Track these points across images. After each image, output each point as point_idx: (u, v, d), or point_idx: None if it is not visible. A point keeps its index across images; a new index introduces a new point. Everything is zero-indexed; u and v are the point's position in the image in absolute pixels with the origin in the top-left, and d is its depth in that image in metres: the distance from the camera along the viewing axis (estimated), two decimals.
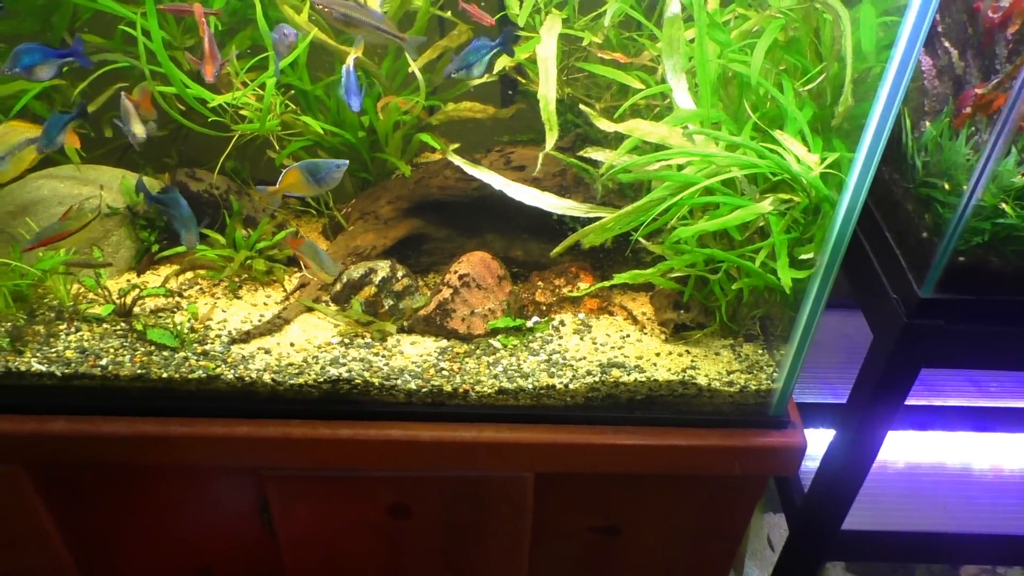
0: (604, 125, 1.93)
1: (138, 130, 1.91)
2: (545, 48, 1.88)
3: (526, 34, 2.09)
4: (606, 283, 2.03)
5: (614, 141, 2.15)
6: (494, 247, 2.39)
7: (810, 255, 1.83)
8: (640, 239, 1.97)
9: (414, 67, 2.05)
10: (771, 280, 1.94)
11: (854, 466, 2.25)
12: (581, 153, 2.13)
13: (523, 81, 2.27)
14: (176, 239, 2.27)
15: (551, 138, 1.91)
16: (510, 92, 2.43)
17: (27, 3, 2.09)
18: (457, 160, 2.15)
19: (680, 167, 1.86)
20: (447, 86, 2.35)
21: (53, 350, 2.08)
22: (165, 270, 2.33)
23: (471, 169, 2.14)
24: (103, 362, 2.06)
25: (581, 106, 1.99)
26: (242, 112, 2.13)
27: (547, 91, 1.88)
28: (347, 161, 1.91)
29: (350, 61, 1.92)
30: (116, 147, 2.41)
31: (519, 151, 2.32)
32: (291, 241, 2.05)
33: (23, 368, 2.03)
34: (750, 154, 1.78)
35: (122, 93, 1.95)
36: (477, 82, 2.31)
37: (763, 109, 1.85)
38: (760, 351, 2.19)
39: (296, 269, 2.34)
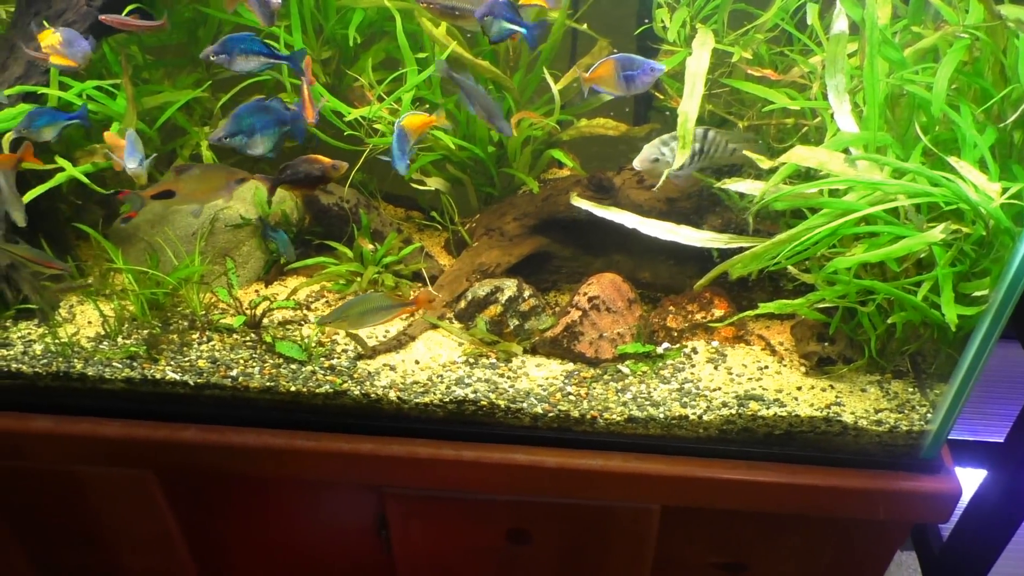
0: (765, 165, 1.82)
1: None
2: (696, 62, 1.79)
3: (670, 47, 2.00)
4: (750, 312, 1.92)
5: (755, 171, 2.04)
6: (621, 268, 2.31)
7: (984, 291, 1.68)
8: (790, 267, 1.86)
9: (553, 85, 1.99)
10: (934, 315, 1.80)
11: (1007, 511, 2.08)
12: (726, 185, 2.03)
13: (660, 97, 2.18)
14: (305, 251, 2.29)
15: (682, 155, 1.81)
16: (647, 110, 2.34)
17: (175, 17, 2.13)
18: (585, 204, 2.07)
19: (838, 192, 1.74)
20: (579, 100, 2.29)
21: (186, 359, 2.10)
22: (292, 282, 2.33)
23: (600, 211, 2.06)
24: (233, 373, 2.07)
25: (739, 124, 1.89)
26: (376, 126, 2.11)
27: (689, 106, 1.78)
28: (664, 67, 1.79)
29: (400, 123, 1.85)
30: (247, 157, 2.43)
31: None
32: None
33: (158, 376, 2.06)
34: (921, 181, 1.65)
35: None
36: (609, 97, 2.25)
37: (933, 132, 1.71)
38: (911, 389, 2.04)
39: (421, 284, 2.31)
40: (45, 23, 1.88)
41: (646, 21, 2.12)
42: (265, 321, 2.19)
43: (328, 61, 2.22)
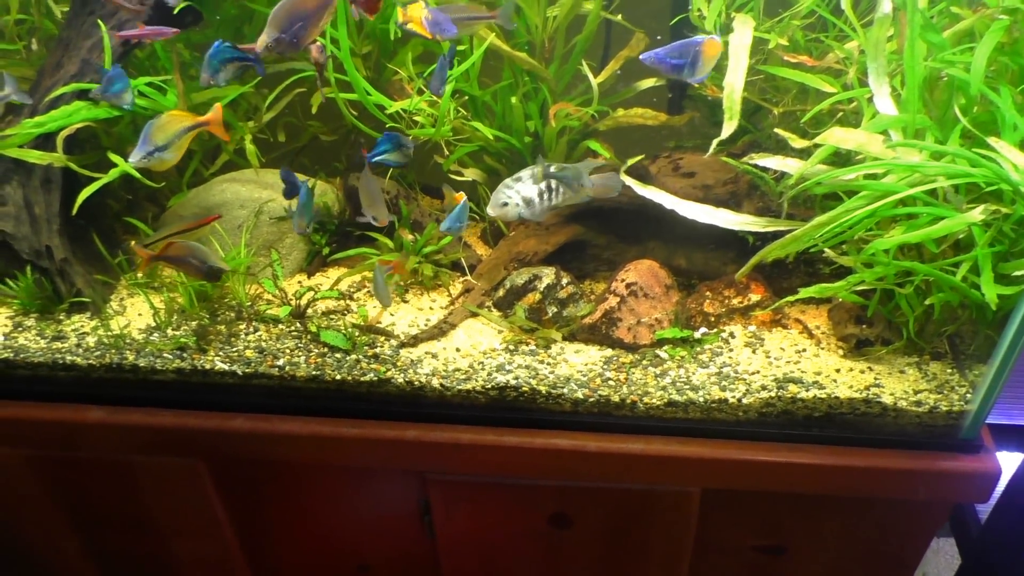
0: (798, 143, 1.84)
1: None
2: (740, 37, 1.81)
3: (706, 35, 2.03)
4: (791, 298, 1.94)
5: (789, 148, 2.07)
6: (656, 255, 2.33)
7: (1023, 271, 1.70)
8: (827, 250, 1.88)
9: (592, 77, 2.02)
10: (973, 295, 1.81)
11: None
12: (753, 159, 2.05)
13: (696, 86, 2.20)
14: (346, 242, 2.33)
15: (729, 127, 1.83)
16: (681, 101, 2.36)
17: (221, 14, 2.18)
18: (629, 181, 2.10)
19: (877, 176, 1.76)
20: (614, 91, 2.32)
21: (234, 349, 2.15)
22: (334, 272, 2.38)
23: (642, 189, 2.09)
24: (280, 362, 2.12)
25: (776, 130, 1.91)
26: (415, 118, 2.15)
27: (735, 79, 1.81)
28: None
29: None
30: (288, 151, 2.48)
31: (688, 157, 2.26)
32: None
33: (207, 366, 2.11)
34: (960, 162, 1.67)
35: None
36: (647, 85, 2.27)
37: (972, 114, 1.73)
38: (949, 370, 2.05)
39: (460, 274, 2.35)
40: (100, 22, 1.93)
41: (683, 11, 2.14)
42: (309, 311, 2.24)
43: (368, 55, 2.27)
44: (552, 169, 1.97)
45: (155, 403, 2.14)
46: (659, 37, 2.24)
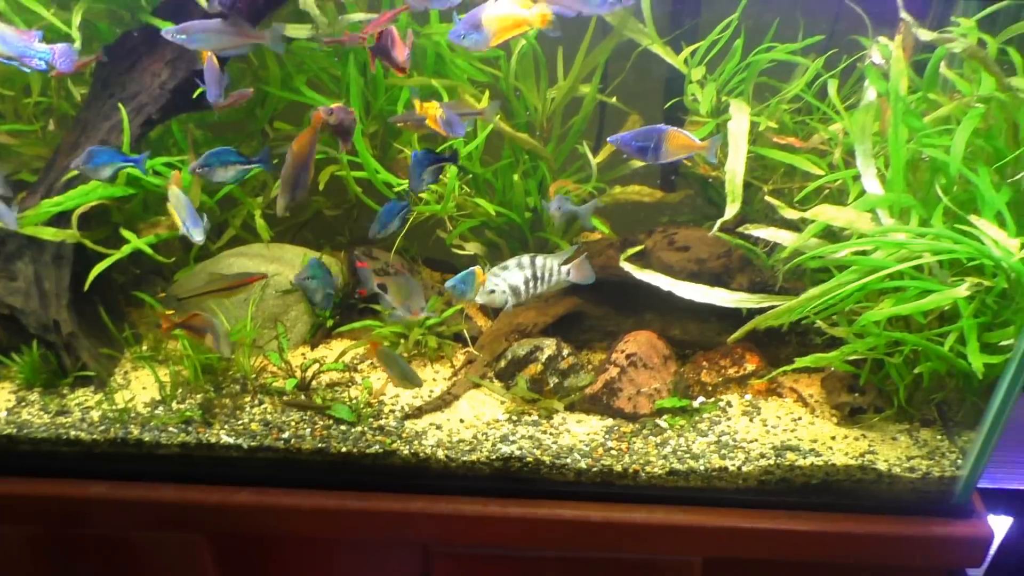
0: (789, 214, 1.95)
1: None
2: (737, 124, 1.93)
3: (699, 119, 2.15)
4: (787, 368, 2.01)
5: (779, 222, 2.17)
6: (652, 326, 2.41)
7: (1009, 340, 1.78)
8: (819, 322, 1.97)
9: (591, 157, 2.12)
10: (960, 364, 1.89)
11: None
12: (748, 230, 2.14)
13: (688, 163, 2.32)
14: (350, 315, 2.37)
15: (732, 208, 1.94)
16: (672, 177, 2.47)
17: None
18: (627, 267, 2.19)
19: (866, 252, 1.86)
20: (610, 169, 2.42)
21: (240, 422, 2.17)
22: (337, 344, 2.42)
23: (639, 273, 2.18)
24: (285, 435, 2.14)
25: (767, 198, 2.02)
26: (420, 194, 2.23)
27: (736, 165, 1.92)
28: None
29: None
30: (292, 224, 2.54)
31: (682, 232, 2.35)
32: (371, 346, 2.09)
33: (212, 440, 2.12)
34: (944, 239, 1.77)
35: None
36: (640, 164, 2.38)
37: (952, 193, 1.84)
38: (939, 436, 2.12)
39: (462, 346, 2.40)
40: (120, 105, 2.00)
41: (675, 94, 2.26)
42: (314, 383, 2.26)
43: (375, 134, 2.35)
44: (540, 260, 2.09)
45: (158, 477, 2.14)
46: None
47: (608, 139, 1.92)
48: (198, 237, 1.93)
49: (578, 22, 2.01)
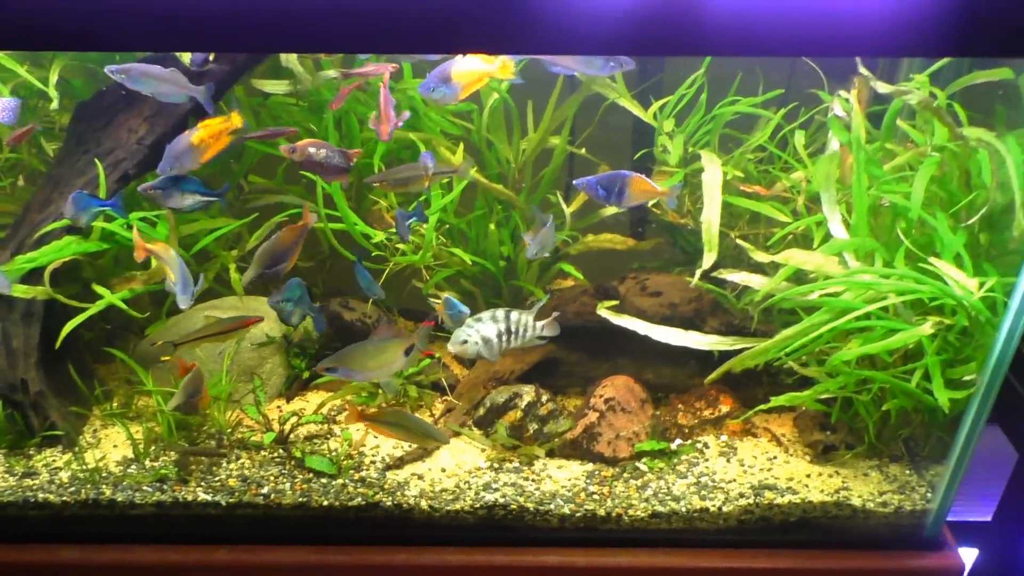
0: (760, 256, 2.03)
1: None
2: (710, 176, 2.01)
3: (667, 168, 2.23)
4: (763, 407, 2.07)
5: (748, 266, 2.25)
6: (626, 370, 2.45)
7: (972, 375, 1.87)
8: (791, 362, 2.03)
9: (564, 207, 2.18)
10: (927, 400, 1.98)
11: None
12: (721, 275, 2.22)
13: (657, 211, 2.39)
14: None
15: (709, 258, 2.01)
16: (640, 229, 2.54)
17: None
18: (604, 313, 2.25)
19: (836, 293, 1.94)
20: (582, 217, 2.48)
21: (216, 479, 2.13)
22: (313, 396, 2.40)
23: (616, 319, 2.24)
24: (265, 490, 2.10)
25: (739, 242, 2.10)
26: (398, 246, 2.26)
27: (711, 215, 2.00)
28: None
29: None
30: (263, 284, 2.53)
31: (653, 278, 2.42)
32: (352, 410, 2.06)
33: (189, 497, 2.08)
34: (907, 280, 1.86)
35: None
36: (609, 213, 2.45)
37: (912, 236, 1.94)
38: (907, 471, 2.20)
39: (440, 394, 2.40)
40: (96, 160, 1.99)
41: (643, 145, 2.35)
42: (291, 436, 2.24)
43: (351, 186, 2.37)
44: (515, 315, 2.15)
45: (132, 539, 2.08)
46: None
47: (575, 182, 2.00)
48: (183, 305, 1.91)
49: (548, 77, 2.09)
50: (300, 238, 1.94)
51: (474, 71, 1.99)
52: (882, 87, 1.93)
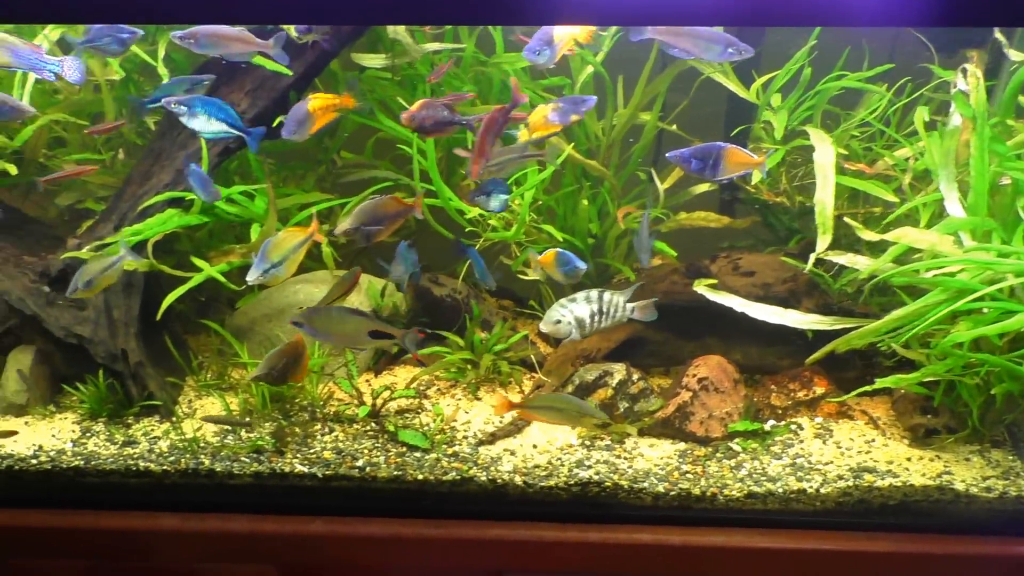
0: (868, 235, 1.98)
1: None
2: (823, 155, 1.96)
3: (768, 145, 2.18)
4: (866, 388, 2.03)
5: (845, 247, 2.20)
6: (713, 350, 2.41)
7: None
8: (893, 345, 1.99)
9: (659, 183, 2.15)
10: None
11: None
12: (828, 256, 2.16)
13: (751, 189, 2.35)
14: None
15: (824, 241, 1.96)
16: (733, 203, 2.49)
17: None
18: (702, 290, 2.21)
19: (949, 274, 1.89)
20: (672, 195, 2.44)
21: (312, 451, 2.14)
22: (400, 371, 2.41)
23: (714, 296, 2.20)
24: (359, 463, 2.11)
25: (847, 220, 2.05)
26: (490, 222, 2.24)
27: (825, 196, 1.95)
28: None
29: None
30: (350, 252, 2.53)
31: (746, 257, 2.38)
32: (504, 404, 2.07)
33: (286, 469, 2.10)
34: None
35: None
36: (701, 190, 2.41)
37: None
38: (1011, 457, 2.15)
39: (529, 371, 2.39)
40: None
41: (737, 120, 2.30)
42: (383, 410, 2.24)
43: (440, 160, 2.36)
44: (607, 295, 2.13)
45: (230, 508, 2.10)
46: None
47: (668, 155, 1.95)
48: (250, 278, 1.88)
49: (641, 53, 2.05)
50: (401, 214, 1.93)
51: (567, 34, 1.97)
52: (1015, 54, 1.85)
